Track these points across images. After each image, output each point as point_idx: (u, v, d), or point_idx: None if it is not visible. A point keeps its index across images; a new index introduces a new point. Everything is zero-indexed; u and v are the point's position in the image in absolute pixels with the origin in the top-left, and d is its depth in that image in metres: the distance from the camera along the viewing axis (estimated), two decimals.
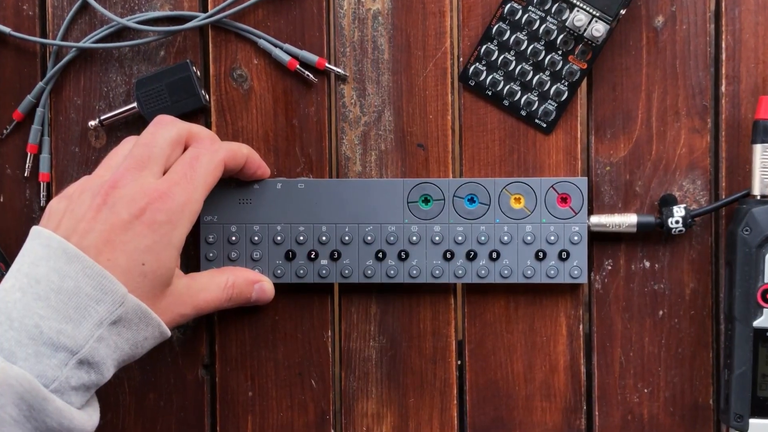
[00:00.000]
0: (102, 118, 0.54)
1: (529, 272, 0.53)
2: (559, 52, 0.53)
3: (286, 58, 0.54)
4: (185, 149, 0.49)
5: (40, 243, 0.45)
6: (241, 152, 0.51)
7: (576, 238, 0.52)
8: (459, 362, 0.55)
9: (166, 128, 0.48)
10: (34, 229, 0.47)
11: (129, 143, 0.50)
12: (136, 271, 0.45)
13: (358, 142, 0.54)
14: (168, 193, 0.46)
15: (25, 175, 0.55)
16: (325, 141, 0.54)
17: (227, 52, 0.54)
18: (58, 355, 0.43)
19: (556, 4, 0.52)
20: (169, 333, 0.47)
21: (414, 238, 0.53)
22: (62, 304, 0.43)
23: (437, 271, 0.53)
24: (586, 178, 0.53)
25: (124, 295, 0.44)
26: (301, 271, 0.53)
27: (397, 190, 0.53)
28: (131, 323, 0.45)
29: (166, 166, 0.48)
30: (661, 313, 0.54)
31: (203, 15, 0.54)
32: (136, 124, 0.55)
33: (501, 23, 0.53)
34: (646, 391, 0.54)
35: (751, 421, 0.51)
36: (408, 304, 0.55)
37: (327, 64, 0.54)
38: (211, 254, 0.53)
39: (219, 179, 0.49)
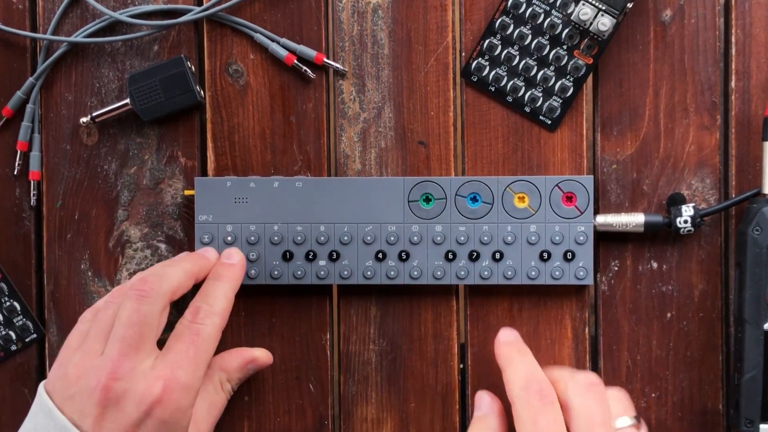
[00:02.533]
0: (94, 114, 0.53)
1: (533, 273, 0.52)
2: (564, 47, 0.52)
3: (284, 53, 0.53)
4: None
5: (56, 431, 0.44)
6: (236, 281, 0.51)
7: (582, 238, 0.52)
8: (461, 366, 0.54)
9: (149, 303, 0.46)
10: (47, 406, 0.45)
11: (113, 304, 0.48)
12: None
13: (357, 140, 0.54)
14: (172, 380, 0.45)
15: (15, 173, 0.54)
16: (323, 138, 0.54)
17: (223, 46, 0.54)
18: None
19: None
20: None
21: (415, 238, 0.52)
22: None
23: (439, 272, 0.52)
24: (592, 176, 0.52)
25: None
26: (299, 272, 0.52)
27: (397, 189, 0.52)
28: None
29: (157, 338, 0.47)
30: (669, 315, 0.53)
31: (198, 8, 0.53)
32: (128, 120, 0.54)
33: (504, 17, 0.53)
34: (653, 395, 0.54)
35: (762, 426, 0.50)
36: (409, 306, 0.54)
37: (325, 59, 0.53)
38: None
39: None
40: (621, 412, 0.47)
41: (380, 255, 0.52)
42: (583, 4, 0.50)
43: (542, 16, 0.52)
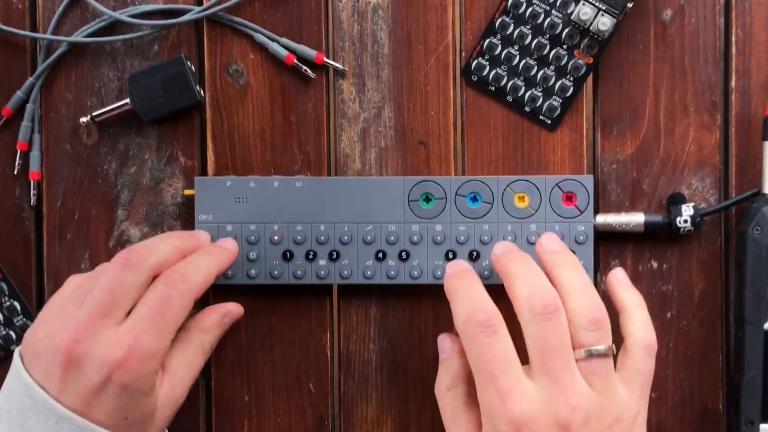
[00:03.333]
0: (94, 114, 0.53)
1: None
2: (565, 47, 0.52)
3: (283, 52, 0.53)
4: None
5: (23, 390, 0.45)
6: (222, 261, 0.50)
7: (582, 237, 0.52)
8: None
9: (133, 272, 0.46)
10: (17, 367, 0.46)
11: (100, 272, 0.47)
12: (120, 424, 0.45)
13: (357, 139, 0.54)
14: (134, 346, 0.44)
15: (15, 173, 0.54)
16: (323, 138, 0.54)
17: (222, 46, 0.54)
18: None
19: None
20: None
21: (415, 237, 0.52)
22: None
23: (439, 272, 0.52)
24: (592, 176, 0.52)
25: None
26: (299, 272, 0.52)
27: (397, 189, 0.52)
28: None
29: (130, 307, 0.46)
30: (669, 315, 0.53)
31: (198, 8, 0.53)
32: (128, 120, 0.54)
33: (504, 16, 0.52)
34: (653, 395, 0.53)
35: (762, 426, 0.50)
36: (409, 306, 0.54)
37: (325, 59, 0.53)
38: None
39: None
40: (594, 340, 0.44)
41: (380, 255, 0.52)
42: (584, 4, 0.50)
43: (542, 15, 0.52)
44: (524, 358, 0.44)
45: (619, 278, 0.48)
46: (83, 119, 0.53)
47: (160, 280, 0.46)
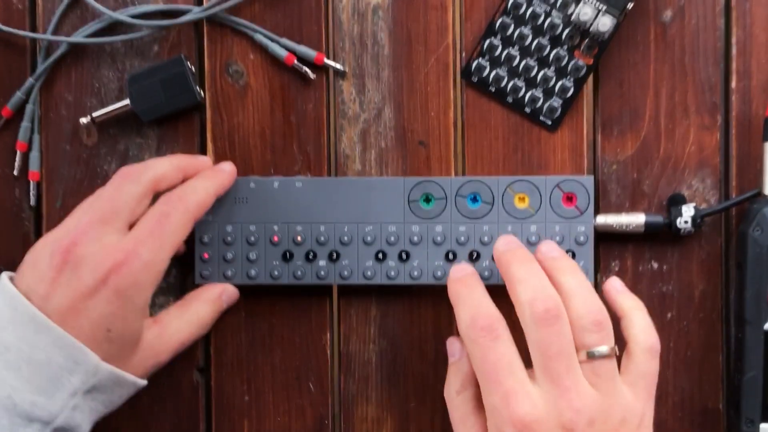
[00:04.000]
0: (94, 115, 0.53)
1: None
2: (565, 47, 0.52)
3: (284, 53, 0.53)
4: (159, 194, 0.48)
5: (5, 302, 0.44)
6: (220, 184, 0.50)
7: (582, 238, 0.52)
8: None
9: (132, 182, 0.47)
10: (2, 284, 0.46)
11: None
12: (101, 337, 0.45)
13: (357, 140, 0.54)
14: (134, 253, 0.45)
15: (14, 173, 0.54)
16: (323, 138, 0.54)
17: (222, 46, 0.54)
18: (33, 425, 0.43)
19: None
20: (145, 383, 0.48)
21: (415, 238, 0.52)
22: (34, 375, 0.43)
23: (439, 272, 0.52)
24: (592, 176, 0.52)
25: (96, 364, 0.44)
26: (299, 273, 0.52)
27: (397, 189, 0.52)
28: (105, 388, 0.46)
29: (131, 221, 0.47)
30: (669, 315, 0.53)
31: (198, 9, 0.53)
32: (128, 121, 0.54)
33: (505, 17, 0.52)
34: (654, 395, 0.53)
35: (762, 425, 0.50)
36: (409, 306, 0.54)
37: (325, 60, 0.53)
38: (205, 254, 0.52)
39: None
40: (596, 341, 0.44)
41: (380, 255, 0.52)
42: (584, 5, 0.50)
43: (543, 16, 0.52)
44: (527, 360, 0.44)
45: (615, 286, 0.48)
46: (83, 120, 0.53)
47: (160, 201, 0.47)
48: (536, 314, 0.43)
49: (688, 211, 0.51)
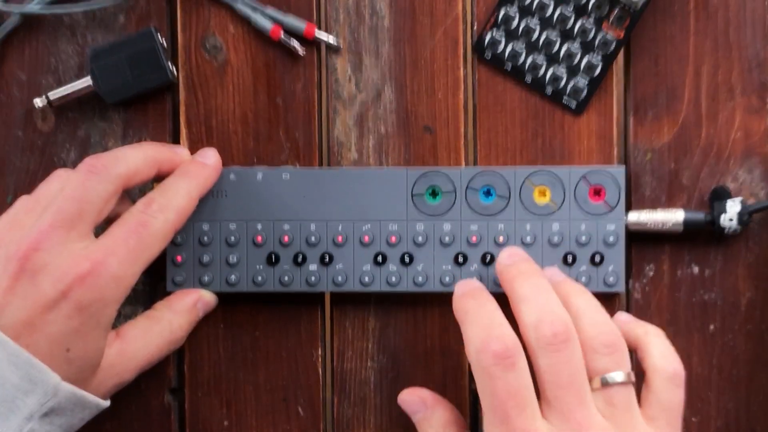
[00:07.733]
0: (50, 95, 0.51)
1: None
2: (592, 18, 0.50)
3: (269, 24, 0.50)
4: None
5: None
6: (204, 183, 0.48)
7: (612, 238, 0.49)
8: (473, 386, 0.51)
9: (100, 179, 0.44)
10: None
11: (59, 179, 0.46)
12: (60, 357, 0.43)
13: (353, 125, 0.52)
14: (102, 264, 0.43)
15: None
16: (314, 123, 0.52)
17: (199, 17, 0.51)
18: None
19: None
20: (108, 404, 0.46)
21: (420, 238, 0.50)
22: None
23: (447, 278, 0.50)
24: (623, 167, 0.50)
25: (56, 385, 0.42)
26: (286, 278, 0.50)
27: (399, 182, 0.50)
28: (65, 411, 0.43)
29: (96, 224, 0.45)
30: (712, 327, 0.51)
31: None
32: (90, 103, 0.52)
33: None
34: (694, 419, 0.51)
35: None
36: (413, 317, 0.52)
37: (317, 32, 0.51)
38: (178, 257, 0.50)
39: None
40: (609, 366, 0.42)
41: (379, 258, 0.50)
42: None
43: None
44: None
45: (622, 318, 0.47)
46: (38, 101, 0.51)
47: (138, 206, 0.45)
48: (543, 338, 0.42)
49: (733, 207, 0.49)
